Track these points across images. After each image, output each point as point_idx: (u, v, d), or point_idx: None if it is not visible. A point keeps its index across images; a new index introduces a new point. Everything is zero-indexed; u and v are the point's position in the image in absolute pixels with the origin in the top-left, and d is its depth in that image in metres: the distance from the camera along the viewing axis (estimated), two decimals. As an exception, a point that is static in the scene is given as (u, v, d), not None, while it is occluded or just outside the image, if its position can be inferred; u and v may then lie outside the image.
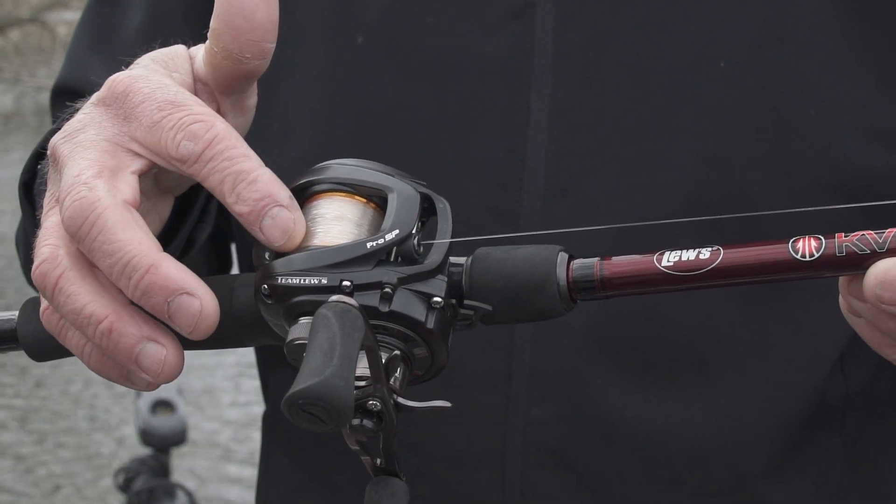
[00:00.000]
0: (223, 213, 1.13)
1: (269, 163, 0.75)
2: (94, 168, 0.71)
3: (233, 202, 0.70)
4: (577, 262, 0.72)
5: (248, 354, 5.10)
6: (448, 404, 0.71)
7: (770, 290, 0.99)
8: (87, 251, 0.70)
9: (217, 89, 0.76)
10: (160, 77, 0.75)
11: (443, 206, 0.75)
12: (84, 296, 0.71)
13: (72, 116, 0.77)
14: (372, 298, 0.71)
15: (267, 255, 0.72)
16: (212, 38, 0.74)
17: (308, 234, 0.73)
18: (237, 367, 6.13)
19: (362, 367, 0.69)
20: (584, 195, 0.98)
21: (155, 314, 0.71)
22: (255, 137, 1.06)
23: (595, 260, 0.72)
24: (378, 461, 0.73)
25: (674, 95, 0.98)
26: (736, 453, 1.02)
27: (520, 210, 0.98)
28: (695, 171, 0.97)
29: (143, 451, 3.85)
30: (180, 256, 0.82)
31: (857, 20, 0.98)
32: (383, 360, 0.70)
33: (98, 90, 0.77)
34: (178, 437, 3.75)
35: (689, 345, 1.00)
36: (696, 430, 1.00)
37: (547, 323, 0.98)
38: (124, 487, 3.71)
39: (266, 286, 0.72)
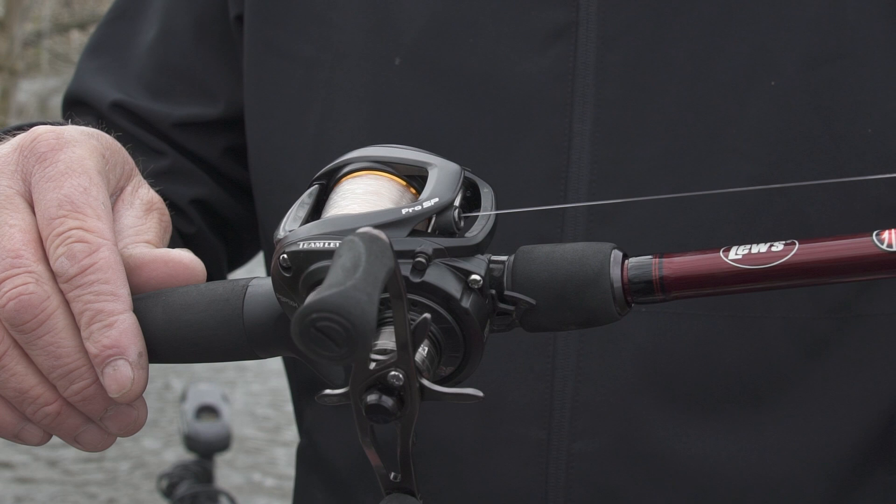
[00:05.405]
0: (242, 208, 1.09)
1: (301, 185, 0.72)
2: (23, 239, 0.71)
3: (85, 337, 0.71)
4: (632, 260, 0.67)
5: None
6: (480, 394, 0.64)
7: (828, 320, 0.95)
8: (24, 342, 0.72)
9: None
10: (83, 154, 0.75)
11: (487, 191, 0.70)
12: (30, 377, 0.73)
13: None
14: (403, 268, 0.64)
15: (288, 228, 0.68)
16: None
17: (336, 208, 0.69)
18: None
19: (386, 335, 0.63)
20: (630, 219, 0.94)
21: (86, 414, 0.74)
22: (289, 159, 1.03)
23: (651, 257, 0.66)
24: (392, 475, 0.66)
25: (723, 116, 0.94)
26: (790, 491, 0.97)
27: (562, 234, 0.94)
28: (747, 193, 0.93)
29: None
30: None
31: None
32: (412, 327, 0.62)
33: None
34: (223, 443, 3.74)
35: (742, 377, 0.96)
36: (749, 466, 0.96)
37: (591, 353, 0.94)
38: (168, 493, 3.70)
39: (285, 255, 0.66)
